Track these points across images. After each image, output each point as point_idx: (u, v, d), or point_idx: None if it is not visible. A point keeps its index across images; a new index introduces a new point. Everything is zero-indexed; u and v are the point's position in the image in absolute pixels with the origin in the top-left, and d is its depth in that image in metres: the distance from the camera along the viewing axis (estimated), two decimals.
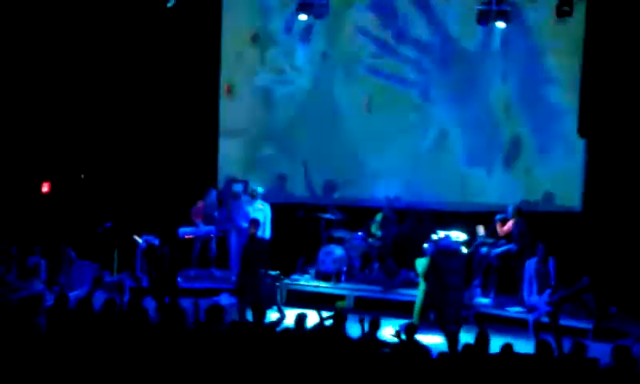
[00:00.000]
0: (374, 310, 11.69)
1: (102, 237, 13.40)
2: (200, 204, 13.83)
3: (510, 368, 7.68)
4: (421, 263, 11.02)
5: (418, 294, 11.15)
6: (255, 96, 15.08)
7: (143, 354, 7.84)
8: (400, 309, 12.36)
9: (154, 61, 14.73)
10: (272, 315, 10.33)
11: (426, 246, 12.34)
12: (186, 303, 9.63)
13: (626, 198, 13.29)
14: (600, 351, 9.73)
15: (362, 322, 9.00)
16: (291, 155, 14.99)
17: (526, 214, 12.99)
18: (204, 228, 13.66)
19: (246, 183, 14.23)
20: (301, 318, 9.12)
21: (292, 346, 8.15)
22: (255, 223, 12.03)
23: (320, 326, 9.16)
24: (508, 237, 12.90)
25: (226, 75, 15.06)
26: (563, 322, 11.30)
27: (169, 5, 13.76)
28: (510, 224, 12.89)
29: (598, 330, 11.63)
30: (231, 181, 14.74)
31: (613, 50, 13.30)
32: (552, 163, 14.04)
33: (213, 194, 13.97)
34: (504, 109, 14.22)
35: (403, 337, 8.56)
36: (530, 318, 11.23)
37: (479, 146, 14.33)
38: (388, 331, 9.46)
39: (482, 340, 8.26)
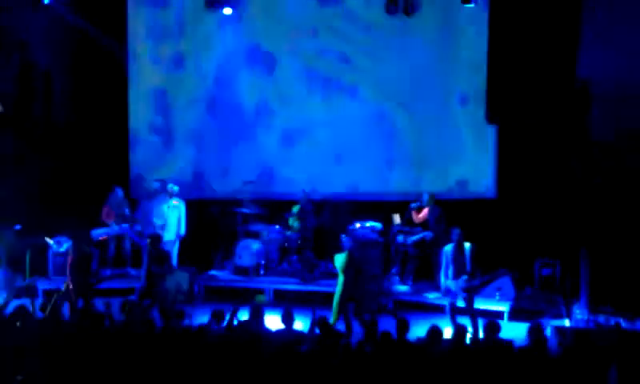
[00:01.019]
0: (291, 303, 11.64)
1: (13, 240, 13.02)
2: (107, 204, 13.57)
3: (430, 353, 7.74)
4: (339, 259, 11.05)
5: (336, 287, 11.19)
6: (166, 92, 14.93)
7: (59, 358, 7.65)
8: (319, 300, 12.33)
9: (62, 62, 14.44)
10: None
11: (343, 238, 12.37)
12: (100, 304, 9.47)
13: (538, 182, 13.53)
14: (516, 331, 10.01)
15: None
16: (205, 152, 14.86)
17: (440, 202, 13.14)
18: (116, 227, 13.42)
19: (163, 181, 14.00)
20: (217, 314, 9.05)
21: (209, 344, 8.07)
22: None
23: (232, 319, 9.05)
24: (424, 224, 13.02)
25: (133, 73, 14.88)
26: (479, 304, 11.56)
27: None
28: (425, 212, 13.02)
29: (515, 311, 11.87)
30: (142, 179, 14.55)
31: (518, 35, 13.49)
32: (464, 150, 14.19)
33: (118, 193, 13.71)
34: (411, 98, 14.29)
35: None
36: (447, 302, 11.37)
37: (390, 135, 14.39)
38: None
39: (402, 327, 8.32)
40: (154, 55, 14.99)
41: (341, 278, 10.99)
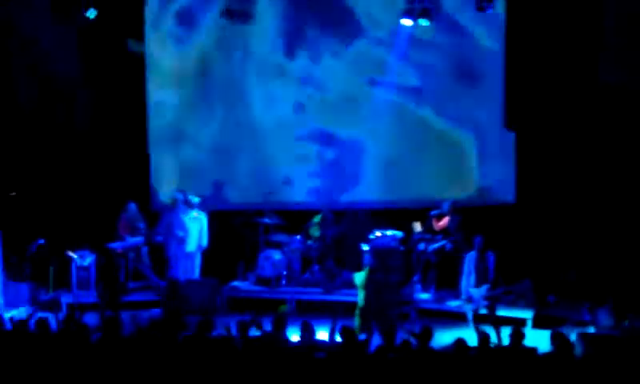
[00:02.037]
0: (316, 313, 11.66)
1: (35, 255, 13.13)
2: (123, 217, 13.64)
3: (454, 361, 7.72)
4: (359, 277, 11.10)
5: (358, 301, 11.25)
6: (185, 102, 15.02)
7: (84, 372, 7.69)
8: (341, 310, 12.31)
9: (80, 72, 14.57)
10: None
11: (365, 248, 12.39)
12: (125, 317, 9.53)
13: (558, 187, 13.48)
14: (539, 339, 9.96)
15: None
16: (226, 162, 14.91)
17: (460, 209, 13.11)
18: (131, 240, 13.48)
19: (184, 192, 14.07)
20: (243, 325, 9.07)
21: (234, 353, 8.10)
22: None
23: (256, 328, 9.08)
24: (444, 232, 13.00)
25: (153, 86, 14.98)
26: (502, 312, 11.52)
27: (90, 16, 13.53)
28: (445, 220, 12.99)
29: (538, 319, 11.82)
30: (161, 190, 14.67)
31: (535, 41, 13.49)
32: (484, 157, 14.17)
33: (132, 207, 13.76)
34: (433, 105, 14.28)
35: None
36: (469, 309, 11.35)
37: (412, 144, 14.40)
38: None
39: (425, 335, 8.30)
40: (173, 64, 15.06)
41: (361, 294, 11.00)
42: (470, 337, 9.34)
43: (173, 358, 7.86)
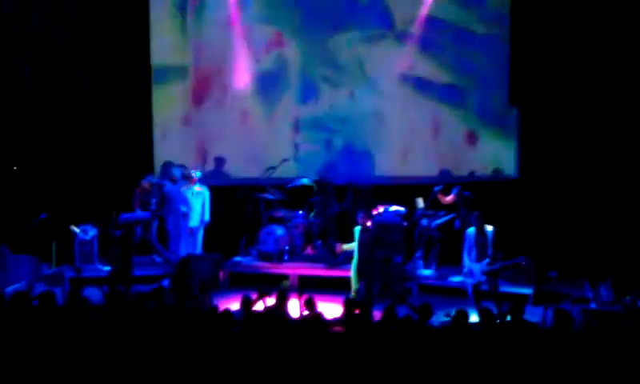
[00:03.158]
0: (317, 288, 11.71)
1: (38, 229, 13.14)
2: (137, 191, 13.62)
3: (455, 337, 7.74)
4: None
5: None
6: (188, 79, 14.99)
7: (86, 346, 7.71)
8: (345, 286, 12.35)
9: (85, 49, 14.50)
10: None
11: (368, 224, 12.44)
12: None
13: (560, 163, 13.49)
14: (540, 315, 9.99)
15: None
16: (228, 138, 14.91)
17: (464, 184, 13.09)
18: (140, 213, 13.46)
19: (185, 167, 14.06)
20: (246, 300, 9.10)
21: (237, 328, 8.11)
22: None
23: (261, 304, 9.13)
24: (450, 207, 12.96)
25: (157, 60, 14.91)
26: (503, 288, 11.56)
27: None
28: (452, 195, 12.95)
29: (538, 295, 11.84)
30: (168, 165, 14.60)
31: (539, 18, 13.46)
32: (487, 133, 14.17)
33: (150, 180, 13.75)
34: (436, 82, 14.26)
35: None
36: (469, 284, 11.38)
37: (416, 120, 14.39)
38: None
39: (425, 311, 8.32)
40: (175, 42, 15.01)
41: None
42: (471, 312, 9.37)
43: (179, 332, 7.87)
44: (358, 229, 11.72)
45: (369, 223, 11.78)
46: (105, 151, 14.62)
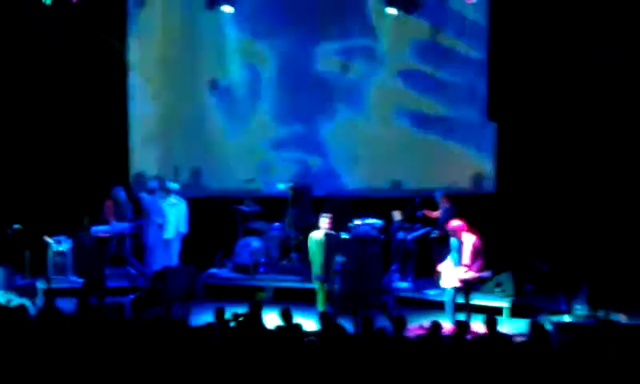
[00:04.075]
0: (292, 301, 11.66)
1: (12, 239, 13.01)
2: (109, 203, 13.51)
3: (428, 350, 7.73)
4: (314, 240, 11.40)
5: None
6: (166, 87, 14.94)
7: (58, 357, 7.63)
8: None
9: (61, 58, 14.43)
10: None
11: (345, 236, 12.41)
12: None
13: (538, 177, 13.55)
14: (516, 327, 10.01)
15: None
16: (204, 148, 14.86)
17: (452, 198, 13.09)
18: (118, 226, 13.36)
19: (160, 179, 13.99)
20: (220, 312, 9.05)
21: (211, 340, 8.06)
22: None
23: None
24: (431, 221, 12.99)
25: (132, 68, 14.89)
26: (480, 300, 11.59)
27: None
28: (439, 211, 12.96)
29: (516, 307, 11.88)
30: (142, 177, 14.54)
31: (518, 34, 13.54)
32: (465, 147, 14.21)
33: (121, 192, 13.66)
34: (415, 95, 14.30)
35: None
36: (448, 292, 11.36)
37: (391, 133, 14.41)
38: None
39: (399, 323, 8.31)
40: (153, 53, 14.97)
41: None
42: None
43: (156, 344, 7.82)
44: (312, 237, 11.67)
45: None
46: (80, 162, 14.52)
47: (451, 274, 11.13)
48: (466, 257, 11.08)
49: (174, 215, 13.49)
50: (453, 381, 7.12)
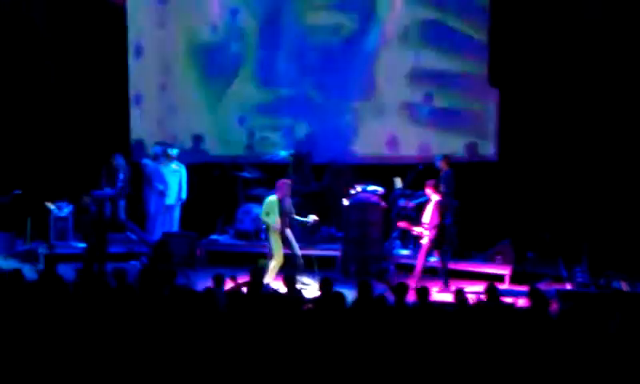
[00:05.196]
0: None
1: (13, 205, 13.01)
2: (104, 168, 13.48)
3: (428, 317, 7.73)
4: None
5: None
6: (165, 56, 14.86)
7: (62, 323, 7.63)
8: (321, 264, 12.33)
9: (59, 24, 14.36)
10: None
11: (346, 203, 12.39)
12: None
13: (540, 146, 13.47)
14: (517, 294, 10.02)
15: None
16: (205, 115, 14.80)
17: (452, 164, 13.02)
18: (106, 191, 13.32)
19: (163, 145, 13.95)
20: (218, 278, 9.06)
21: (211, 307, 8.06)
22: None
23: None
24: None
25: (133, 36, 14.79)
26: (483, 268, 11.64)
27: None
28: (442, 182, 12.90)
29: (516, 274, 11.89)
30: (143, 143, 14.51)
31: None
32: (467, 114, 14.12)
33: (119, 159, 13.61)
34: (414, 63, 14.20)
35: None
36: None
37: (390, 101, 14.32)
38: None
39: (401, 291, 8.30)
40: (153, 18, 14.88)
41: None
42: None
43: (159, 311, 7.81)
44: (271, 199, 11.64)
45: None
46: (81, 128, 14.48)
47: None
48: (427, 216, 11.18)
49: (175, 181, 13.48)
50: (451, 348, 7.11)
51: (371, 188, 12.87)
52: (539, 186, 13.33)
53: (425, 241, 11.43)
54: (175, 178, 13.49)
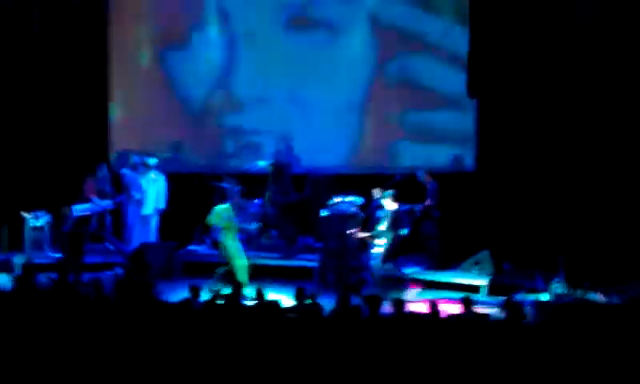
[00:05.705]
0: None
1: None
2: (90, 180, 13.39)
3: (403, 328, 7.73)
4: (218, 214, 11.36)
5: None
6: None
7: (36, 333, 7.57)
8: (299, 275, 12.30)
9: (39, 29, 14.31)
10: None
11: (324, 214, 12.39)
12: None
13: (518, 158, 13.51)
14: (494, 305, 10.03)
15: None
16: (184, 125, 14.78)
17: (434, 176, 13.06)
18: (100, 203, 13.25)
19: (141, 154, 13.90)
20: (195, 290, 9.02)
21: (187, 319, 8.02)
22: None
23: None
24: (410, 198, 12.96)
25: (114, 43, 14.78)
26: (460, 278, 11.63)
27: None
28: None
29: (494, 286, 11.92)
30: (122, 153, 14.45)
31: (499, 10, 13.47)
32: (445, 125, 14.16)
33: (104, 169, 13.57)
34: (396, 74, 14.23)
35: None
36: None
37: (371, 111, 14.34)
38: None
39: (374, 302, 8.28)
40: (133, 28, 14.86)
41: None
42: None
43: (137, 321, 7.77)
44: (222, 207, 11.64)
45: None
46: (59, 136, 14.40)
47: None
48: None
49: (153, 191, 13.43)
50: (427, 359, 7.11)
51: (350, 199, 12.88)
52: (517, 197, 13.34)
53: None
54: (153, 188, 13.44)
